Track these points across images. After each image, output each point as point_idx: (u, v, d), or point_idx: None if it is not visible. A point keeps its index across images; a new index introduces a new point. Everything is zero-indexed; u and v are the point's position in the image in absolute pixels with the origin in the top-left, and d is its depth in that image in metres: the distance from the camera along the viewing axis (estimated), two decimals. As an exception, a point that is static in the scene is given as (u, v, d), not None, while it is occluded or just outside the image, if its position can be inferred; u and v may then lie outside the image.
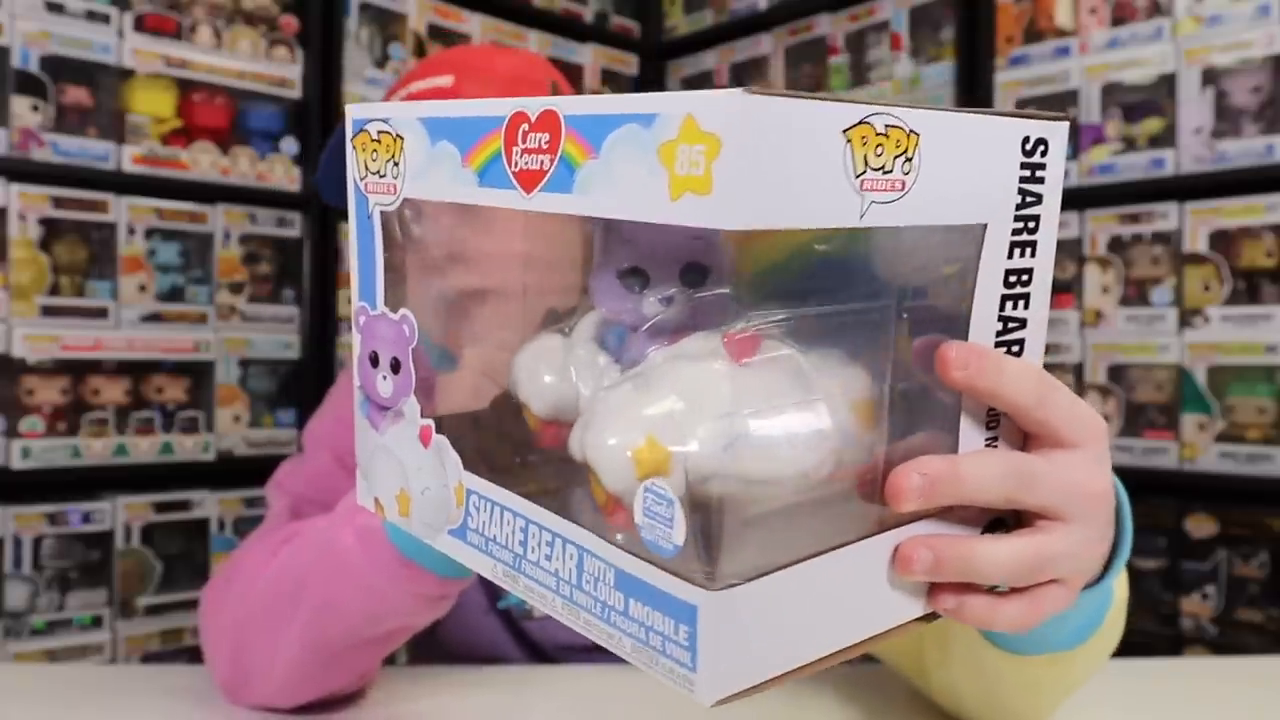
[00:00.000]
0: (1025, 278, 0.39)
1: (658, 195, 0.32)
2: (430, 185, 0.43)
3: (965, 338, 0.38)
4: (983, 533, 0.40)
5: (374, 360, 0.47)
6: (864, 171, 0.33)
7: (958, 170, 0.36)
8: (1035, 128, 0.38)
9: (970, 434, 0.39)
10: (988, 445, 0.40)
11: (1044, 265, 0.39)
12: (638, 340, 0.42)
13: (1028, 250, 0.39)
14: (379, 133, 0.45)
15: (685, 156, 0.31)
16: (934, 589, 0.39)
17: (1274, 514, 1.49)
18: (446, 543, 0.45)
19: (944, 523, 0.39)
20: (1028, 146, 0.38)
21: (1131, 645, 0.72)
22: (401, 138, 0.44)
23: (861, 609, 0.38)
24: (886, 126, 0.33)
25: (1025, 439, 0.41)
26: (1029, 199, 0.39)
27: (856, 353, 0.39)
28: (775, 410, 0.37)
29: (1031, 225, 0.39)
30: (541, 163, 0.37)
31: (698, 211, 0.31)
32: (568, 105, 0.36)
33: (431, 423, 0.45)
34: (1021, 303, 0.39)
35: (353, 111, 0.48)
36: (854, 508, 0.39)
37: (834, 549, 0.36)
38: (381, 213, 0.46)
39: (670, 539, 0.34)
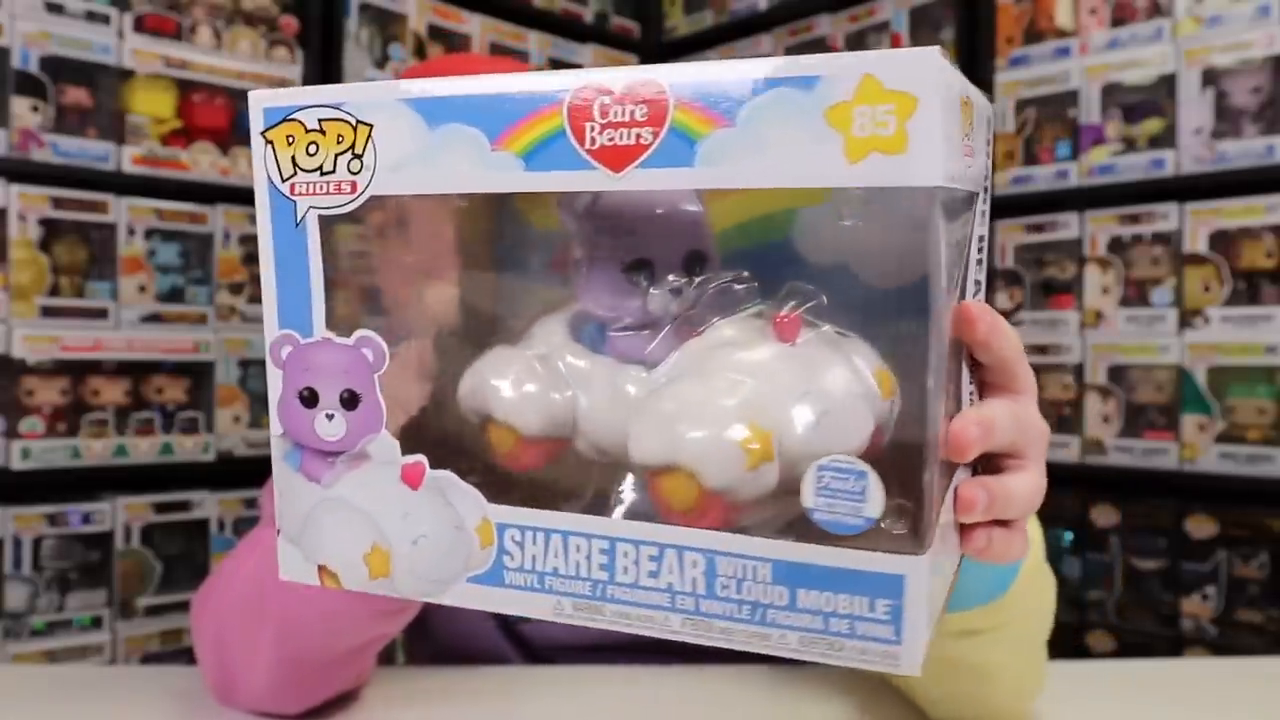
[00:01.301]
0: (983, 243, 0.41)
1: (831, 158, 0.31)
2: (436, 176, 0.37)
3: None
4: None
5: (307, 399, 0.41)
6: (963, 138, 0.34)
7: (977, 139, 0.37)
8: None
9: (967, 388, 0.41)
10: (971, 398, 0.42)
11: (982, 231, 0.41)
12: (639, 336, 0.41)
13: (983, 216, 0.41)
14: (321, 121, 0.39)
15: (867, 117, 0.31)
16: (965, 531, 0.41)
17: (1274, 515, 1.49)
18: (466, 592, 0.39)
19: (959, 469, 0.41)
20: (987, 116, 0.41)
21: (1131, 646, 0.72)
22: (369, 125, 0.38)
23: (950, 554, 0.39)
24: (967, 95, 0.34)
25: (982, 388, 0.43)
26: (987, 167, 0.40)
27: (855, 324, 0.40)
28: (836, 385, 0.37)
29: (986, 192, 0.41)
30: (638, 137, 0.34)
31: (889, 171, 0.31)
32: (673, 74, 0.34)
33: (422, 459, 0.40)
34: (980, 266, 0.41)
35: (261, 99, 0.40)
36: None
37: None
38: (320, 218, 0.39)
39: (861, 513, 0.34)
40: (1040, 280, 1.71)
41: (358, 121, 0.38)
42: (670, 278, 0.41)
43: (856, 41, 1.95)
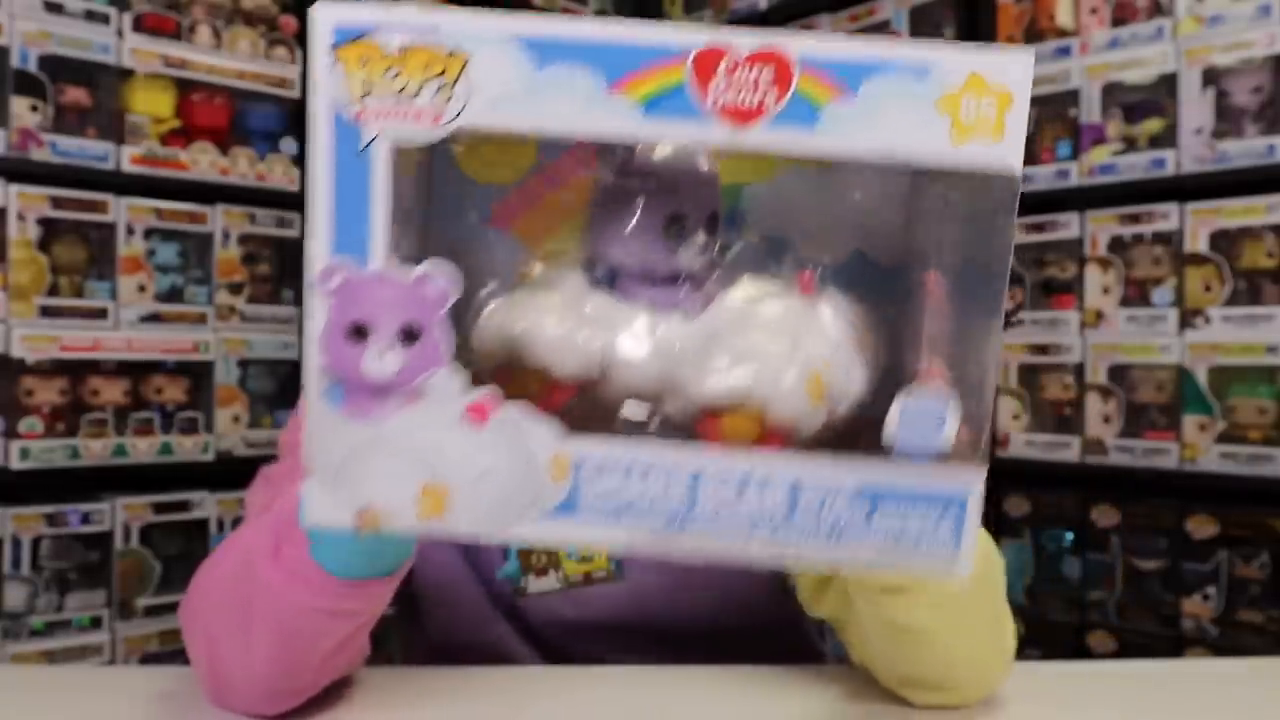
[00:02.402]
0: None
1: (939, 139, 0.37)
2: (543, 114, 0.37)
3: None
4: None
5: (357, 332, 0.39)
6: None
7: None
8: None
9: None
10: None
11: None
12: (668, 286, 0.44)
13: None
14: (406, 45, 0.37)
15: (972, 107, 0.36)
16: None
17: (1275, 515, 1.49)
18: (534, 529, 0.40)
19: None
20: None
21: (1132, 646, 0.73)
22: (466, 55, 0.37)
23: None
24: None
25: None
26: None
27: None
28: (845, 336, 0.43)
29: None
30: (762, 99, 0.37)
31: (988, 155, 0.37)
32: (800, 45, 0.37)
33: (493, 394, 0.39)
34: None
35: (332, 13, 0.37)
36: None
37: None
38: (393, 146, 0.38)
39: (939, 438, 0.39)
40: (1040, 280, 1.71)
41: (452, 50, 0.37)
42: (699, 234, 0.44)
43: (857, 41, 1.95)
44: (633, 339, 0.42)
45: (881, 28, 1.92)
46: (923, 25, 1.86)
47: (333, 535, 0.56)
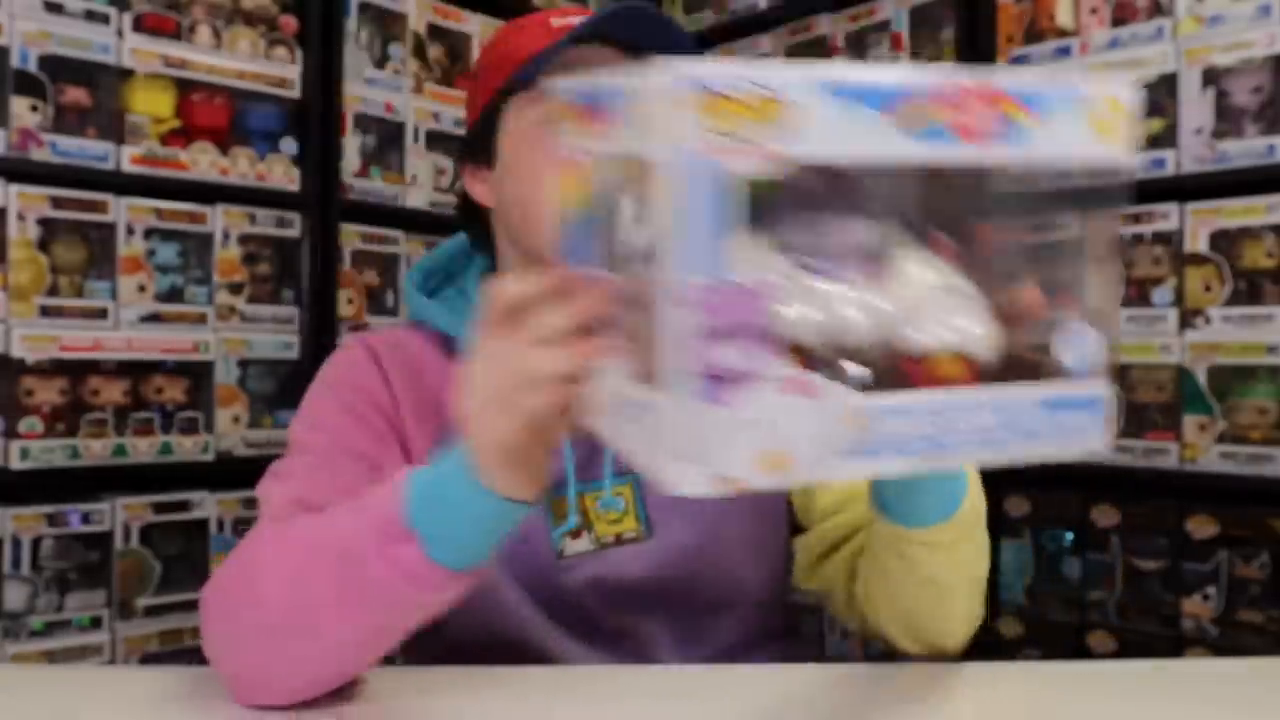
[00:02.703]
0: None
1: (1092, 144, 0.52)
2: (850, 145, 0.48)
3: None
4: None
5: (713, 333, 0.47)
6: None
7: None
8: None
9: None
10: None
11: None
12: (855, 264, 0.53)
13: None
14: (749, 95, 0.46)
15: (1107, 121, 0.53)
16: None
17: (1275, 515, 1.48)
18: (850, 467, 0.50)
19: None
20: None
21: (1132, 646, 0.75)
22: (794, 104, 0.46)
23: None
24: None
25: None
26: None
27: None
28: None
29: None
30: (987, 122, 0.50)
31: (1117, 153, 0.53)
32: (1001, 79, 0.50)
33: (802, 370, 0.49)
34: None
35: (682, 70, 0.46)
36: None
37: None
38: (739, 179, 0.46)
39: (1088, 360, 0.54)
40: (1041, 280, 1.71)
41: (782, 99, 0.46)
42: (864, 217, 0.54)
43: (857, 41, 1.95)
44: (849, 308, 0.51)
45: (881, 28, 1.92)
46: (923, 25, 1.86)
47: (458, 529, 0.62)
